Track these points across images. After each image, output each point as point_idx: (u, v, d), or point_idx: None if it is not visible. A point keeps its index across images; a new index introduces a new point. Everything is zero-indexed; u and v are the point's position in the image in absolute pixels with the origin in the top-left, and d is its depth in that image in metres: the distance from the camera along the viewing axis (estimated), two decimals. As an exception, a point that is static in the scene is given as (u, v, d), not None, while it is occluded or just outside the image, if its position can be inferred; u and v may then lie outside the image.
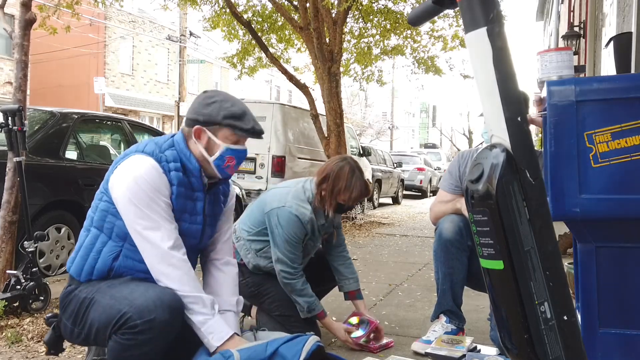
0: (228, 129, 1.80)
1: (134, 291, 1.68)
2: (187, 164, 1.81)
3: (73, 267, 1.83)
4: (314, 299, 2.54)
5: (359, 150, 11.15)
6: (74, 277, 1.82)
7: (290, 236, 2.49)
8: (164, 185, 1.75)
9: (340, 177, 2.50)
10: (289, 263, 2.50)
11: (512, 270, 1.06)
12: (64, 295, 1.83)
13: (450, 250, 2.60)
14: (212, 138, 1.81)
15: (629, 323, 1.82)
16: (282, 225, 2.49)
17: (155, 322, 1.61)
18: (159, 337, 1.64)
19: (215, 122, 1.80)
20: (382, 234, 7.63)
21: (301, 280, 2.52)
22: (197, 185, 1.85)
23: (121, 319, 1.62)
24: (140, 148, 1.82)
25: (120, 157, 1.84)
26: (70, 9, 6.16)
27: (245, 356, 1.67)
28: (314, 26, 8.19)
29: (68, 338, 1.85)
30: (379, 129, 35.96)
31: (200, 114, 1.81)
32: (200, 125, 1.80)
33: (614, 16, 5.30)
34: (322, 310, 2.57)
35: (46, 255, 4.26)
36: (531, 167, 1.06)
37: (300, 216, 2.50)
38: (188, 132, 1.84)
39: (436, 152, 23.50)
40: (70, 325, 1.78)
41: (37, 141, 4.31)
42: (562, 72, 1.92)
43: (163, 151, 1.81)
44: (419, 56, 11.43)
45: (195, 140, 1.82)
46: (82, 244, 1.83)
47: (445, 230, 2.63)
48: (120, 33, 22.56)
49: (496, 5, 1.05)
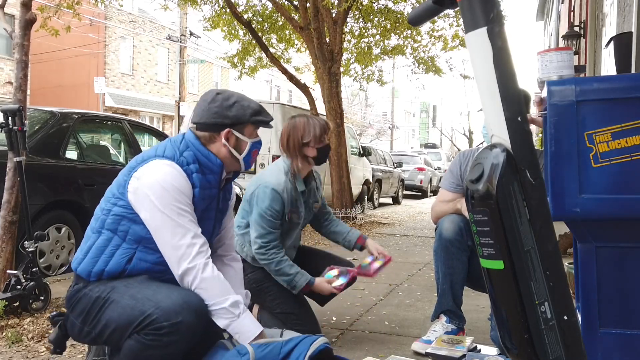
0: (253, 125, 1.89)
1: (157, 292, 1.69)
2: (206, 162, 1.84)
3: (82, 266, 1.81)
4: (292, 275, 2.54)
5: (359, 150, 11.14)
6: (82, 277, 1.80)
7: (264, 210, 2.52)
8: (189, 190, 1.78)
9: (297, 127, 2.60)
10: (259, 242, 2.52)
11: (512, 270, 1.06)
12: (72, 293, 1.81)
13: (450, 250, 2.61)
14: (240, 137, 1.88)
15: (629, 323, 1.82)
16: (259, 202, 2.54)
17: (182, 324, 1.63)
18: (184, 339, 1.66)
19: (243, 122, 1.86)
20: (383, 234, 7.63)
21: (275, 260, 2.53)
22: (214, 182, 1.88)
23: (145, 320, 1.63)
24: (160, 152, 1.82)
25: (137, 162, 1.82)
26: (71, 9, 6.17)
27: (261, 354, 1.69)
28: (314, 26, 8.19)
29: (75, 337, 1.84)
30: (379, 129, 35.97)
31: (227, 117, 1.85)
32: (229, 127, 1.85)
33: (614, 16, 5.30)
34: (306, 283, 2.56)
35: (46, 255, 4.26)
36: (531, 167, 1.06)
37: (276, 186, 2.53)
38: (209, 136, 1.86)
39: (436, 152, 23.48)
40: (80, 324, 1.77)
41: (37, 141, 4.31)
42: (563, 72, 1.92)
43: (182, 153, 1.83)
44: (419, 56, 11.44)
45: (225, 142, 1.86)
46: (93, 245, 1.81)
47: (445, 230, 2.63)
48: (120, 33, 22.56)
49: (496, 5, 1.05)
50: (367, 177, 11.47)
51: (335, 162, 8.57)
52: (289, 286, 2.55)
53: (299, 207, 2.65)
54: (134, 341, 1.65)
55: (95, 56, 21.64)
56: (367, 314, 3.33)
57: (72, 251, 4.44)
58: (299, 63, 14.09)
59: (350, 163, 9.66)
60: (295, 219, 2.65)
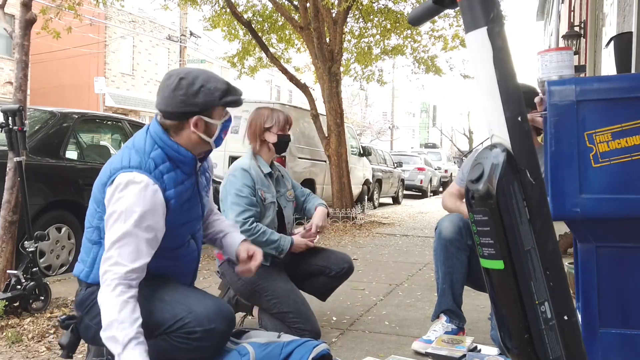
0: (222, 107, 1.83)
1: (187, 296, 1.71)
2: (177, 156, 1.80)
3: (91, 278, 1.79)
4: (278, 240, 2.65)
5: (359, 150, 11.14)
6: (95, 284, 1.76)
7: (239, 189, 2.62)
8: (160, 206, 1.72)
9: (261, 113, 2.78)
10: (240, 220, 2.58)
11: (512, 270, 1.06)
12: (86, 296, 1.80)
13: (449, 249, 2.61)
14: (210, 121, 1.81)
15: (629, 323, 1.82)
16: (233, 185, 2.65)
17: (214, 331, 1.65)
18: (214, 345, 1.68)
19: (213, 106, 1.79)
20: (383, 234, 7.63)
21: (261, 231, 2.60)
22: (189, 170, 1.86)
23: (177, 323, 1.64)
24: (126, 163, 1.73)
25: (107, 175, 1.75)
26: (73, 9, 6.17)
27: (261, 354, 1.70)
28: (314, 26, 8.19)
29: (90, 339, 1.85)
30: (379, 128, 35.96)
31: (195, 105, 1.76)
32: (198, 115, 1.78)
33: (614, 16, 5.30)
34: (290, 244, 2.69)
35: (46, 255, 4.26)
36: (531, 167, 1.06)
37: (243, 166, 2.69)
38: (177, 125, 1.79)
39: (436, 152, 23.47)
40: (95, 326, 1.74)
41: (37, 141, 4.31)
42: (563, 72, 1.92)
43: (149, 155, 1.76)
44: (419, 56, 11.45)
45: (194, 129, 1.79)
46: (97, 257, 1.77)
47: (444, 229, 2.65)
48: (120, 33, 22.56)
49: (496, 5, 1.05)
50: (367, 177, 11.48)
51: (335, 162, 8.57)
52: (277, 251, 2.65)
53: (269, 186, 2.76)
54: (161, 341, 1.66)
55: (95, 56, 21.64)
56: (367, 314, 3.33)
57: (72, 251, 4.44)
58: (299, 63, 14.10)
59: (350, 163, 9.66)
60: (269, 198, 2.74)
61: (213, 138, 1.84)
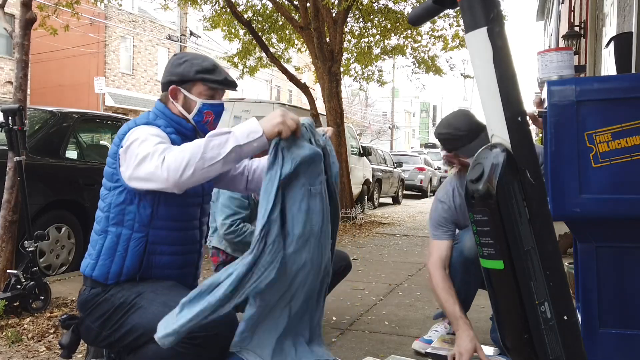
0: (201, 83, 1.83)
1: None
2: (179, 127, 1.83)
3: (97, 271, 1.77)
4: None
5: (359, 150, 11.14)
6: (99, 281, 1.76)
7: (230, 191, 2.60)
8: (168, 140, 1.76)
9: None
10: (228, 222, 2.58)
11: (512, 270, 1.06)
12: (88, 298, 1.78)
13: (470, 269, 2.51)
14: (188, 95, 1.83)
15: (629, 323, 1.82)
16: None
17: (218, 337, 1.64)
18: (215, 351, 1.66)
19: (189, 79, 1.82)
20: (383, 234, 7.63)
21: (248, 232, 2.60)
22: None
23: None
24: (132, 125, 1.80)
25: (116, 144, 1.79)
26: (70, 8, 6.17)
27: None
28: (314, 26, 8.19)
29: (90, 341, 1.84)
30: (379, 128, 35.97)
31: (174, 74, 1.83)
32: (175, 84, 1.82)
33: (614, 16, 5.29)
34: None
35: (46, 254, 4.25)
36: (531, 167, 1.06)
37: None
38: (165, 96, 1.86)
39: (436, 152, 23.42)
40: (97, 329, 1.74)
41: (37, 141, 4.31)
42: (563, 72, 1.92)
43: (155, 120, 1.82)
44: (419, 56, 11.45)
45: (173, 101, 1.84)
46: (103, 246, 1.77)
47: (467, 249, 2.52)
48: (120, 32, 22.56)
49: (496, 5, 1.05)
50: (367, 177, 11.48)
51: (335, 162, 8.56)
52: None
53: None
54: None
55: (95, 56, 21.64)
56: (367, 314, 3.33)
57: (72, 251, 4.43)
58: (299, 63, 14.10)
59: (350, 163, 9.66)
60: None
61: (191, 115, 1.84)
